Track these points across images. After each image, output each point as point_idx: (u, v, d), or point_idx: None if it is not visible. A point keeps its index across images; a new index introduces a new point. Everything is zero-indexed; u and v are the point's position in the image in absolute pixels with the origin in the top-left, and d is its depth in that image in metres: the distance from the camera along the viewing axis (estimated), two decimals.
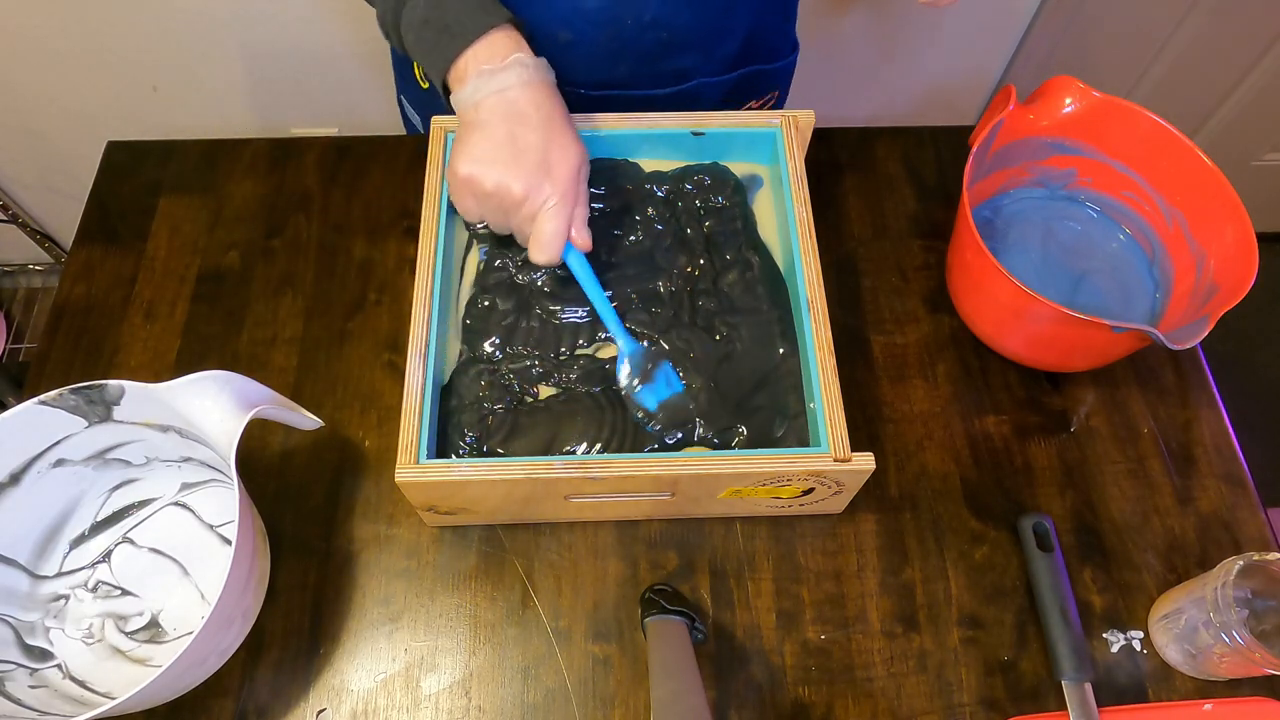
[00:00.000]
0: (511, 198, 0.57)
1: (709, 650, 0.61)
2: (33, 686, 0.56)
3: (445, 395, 0.63)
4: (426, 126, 0.75)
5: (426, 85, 0.81)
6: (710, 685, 0.60)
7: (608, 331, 0.64)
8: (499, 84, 0.57)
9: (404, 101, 0.92)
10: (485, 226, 0.67)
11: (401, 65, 0.87)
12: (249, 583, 0.57)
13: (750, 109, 0.83)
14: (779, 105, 0.87)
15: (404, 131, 0.93)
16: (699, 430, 0.62)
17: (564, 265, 0.61)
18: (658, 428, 0.62)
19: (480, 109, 0.57)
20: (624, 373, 0.63)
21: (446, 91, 0.60)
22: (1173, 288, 0.71)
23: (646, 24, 0.68)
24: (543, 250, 0.59)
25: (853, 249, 0.79)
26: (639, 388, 0.62)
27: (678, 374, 0.63)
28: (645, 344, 0.64)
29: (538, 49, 0.61)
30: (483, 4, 0.58)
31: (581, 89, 0.72)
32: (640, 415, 0.62)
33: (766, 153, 0.72)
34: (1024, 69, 1.36)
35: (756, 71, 0.79)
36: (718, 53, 0.74)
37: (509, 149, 0.57)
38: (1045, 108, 0.71)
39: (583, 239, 0.60)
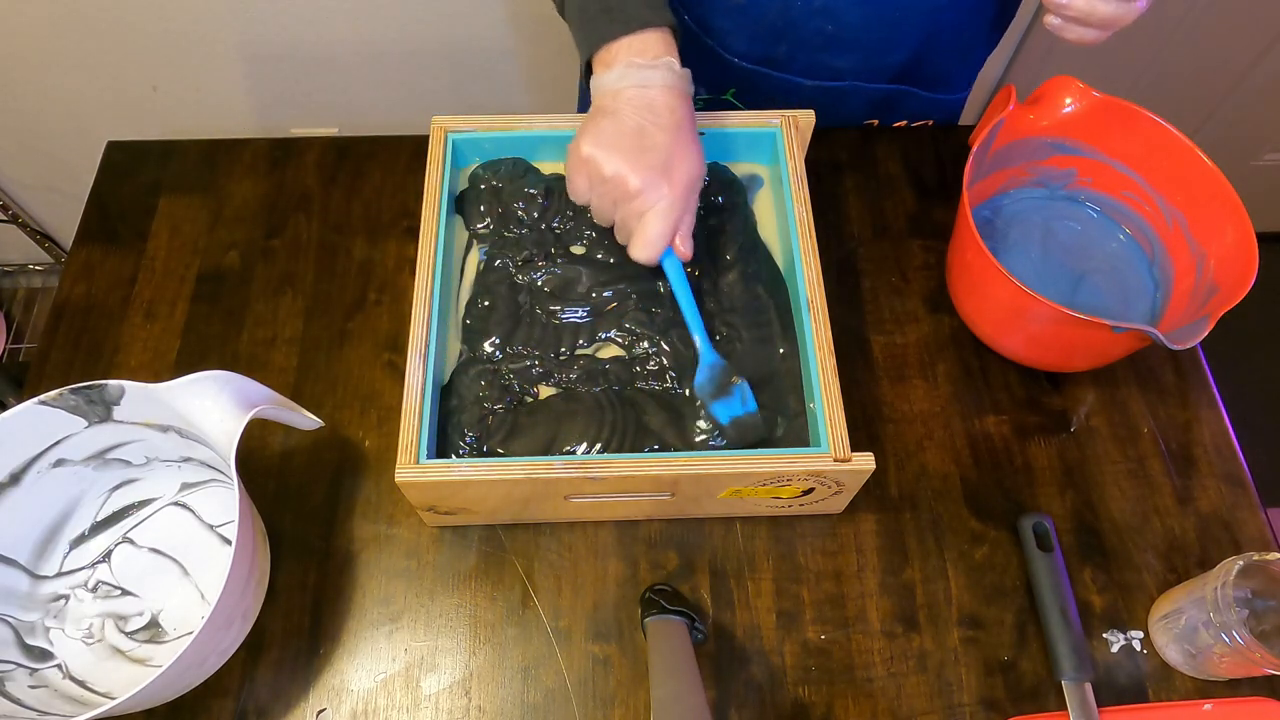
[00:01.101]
0: (625, 189, 0.57)
1: (709, 650, 0.61)
2: (33, 686, 0.56)
3: (445, 395, 0.63)
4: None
5: None
6: (710, 685, 0.60)
7: (691, 335, 0.63)
8: (643, 79, 0.57)
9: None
10: (488, 226, 0.67)
11: None
12: (249, 583, 0.57)
13: (898, 126, 0.84)
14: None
15: (403, 132, 0.93)
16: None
17: (658, 267, 0.61)
18: (723, 442, 0.61)
19: (619, 98, 0.58)
20: (701, 382, 0.62)
21: (588, 72, 0.60)
22: (1173, 288, 0.71)
23: (815, 9, 0.69)
24: (644, 248, 0.59)
25: (853, 249, 0.79)
26: (714, 401, 0.62)
27: (755, 395, 0.62)
28: (727, 361, 0.63)
29: (711, 9, 0.60)
30: (652, 1, 0.59)
31: (737, 58, 0.74)
32: (709, 427, 0.61)
33: (766, 153, 0.72)
34: (1024, 69, 1.36)
35: (912, 94, 0.80)
36: (878, 62, 0.75)
37: (635, 142, 0.57)
38: (1045, 108, 0.71)
39: (686, 248, 0.60)
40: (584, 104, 0.98)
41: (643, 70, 0.57)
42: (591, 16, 0.59)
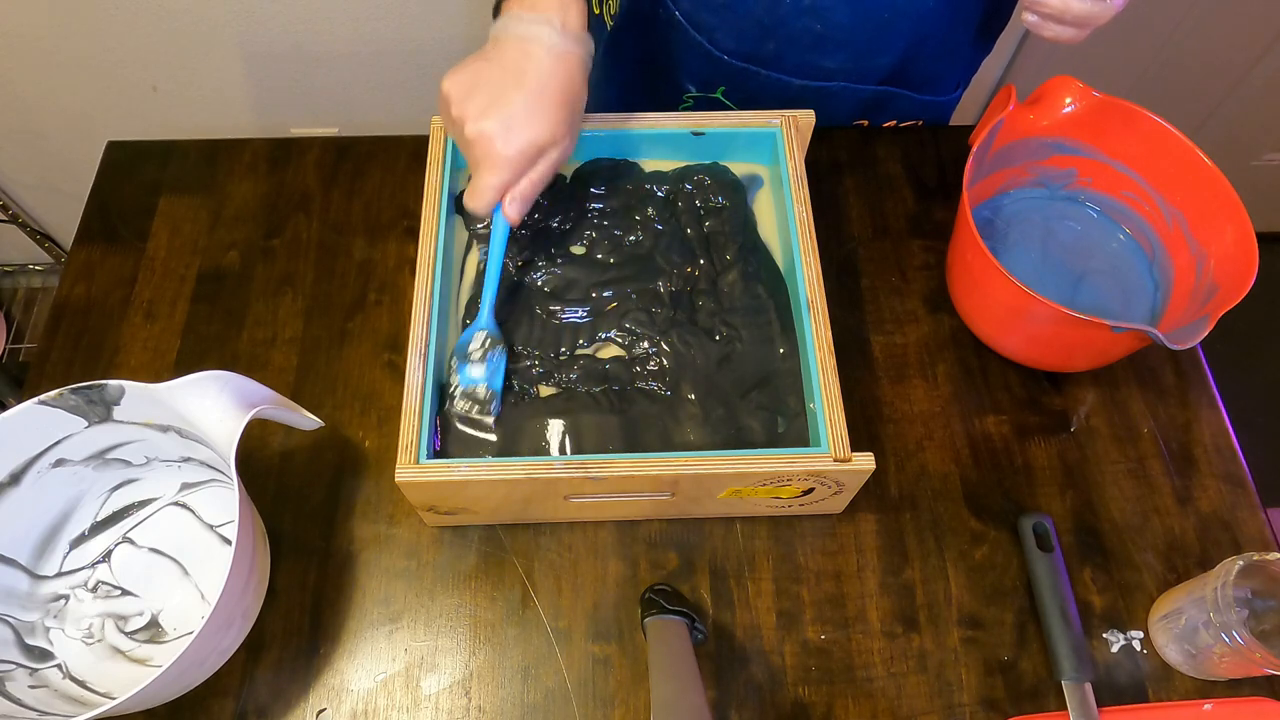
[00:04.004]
0: (461, 135, 0.57)
1: (709, 650, 0.61)
2: (33, 686, 0.56)
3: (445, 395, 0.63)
4: (598, 89, 0.76)
5: (597, 11, 0.82)
6: (710, 685, 0.60)
7: (482, 299, 0.63)
8: (524, 32, 0.56)
9: None
10: (486, 226, 0.67)
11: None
12: (249, 583, 0.57)
13: (887, 126, 0.84)
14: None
15: (403, 132, 0.93)
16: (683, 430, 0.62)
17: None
18: (451, 407, 0.61)
19: (498, 45, 0.57)
20: (462, 341, 0.62)
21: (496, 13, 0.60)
22: (1173, 288, 0.71)
23: (804, 8, 0.69)
24: (469, 196, 0.59)
25: (853, 249, 0.79)
26: (464, 362, 0.62)
27: (507, 378, 0.63)
28: (497, 331, 0.63)
29: (699, 4, 0.59)
30: None
31: (726, 55, 0.74)
32: (448, 387, 0.62)
33: (766, 153, 0.72)
34: (1024, 69, 1.36)
35: (902, 95, 0.80)
36: (868, 63, 0.75)
37: (489, 93, 0.56)
38: (1045, 108, 0.71)
39: (512, 211, 0.59)
40: None
41: (524, 23, 0.56)
42: None
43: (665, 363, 0.64)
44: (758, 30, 0.72)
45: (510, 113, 0.56)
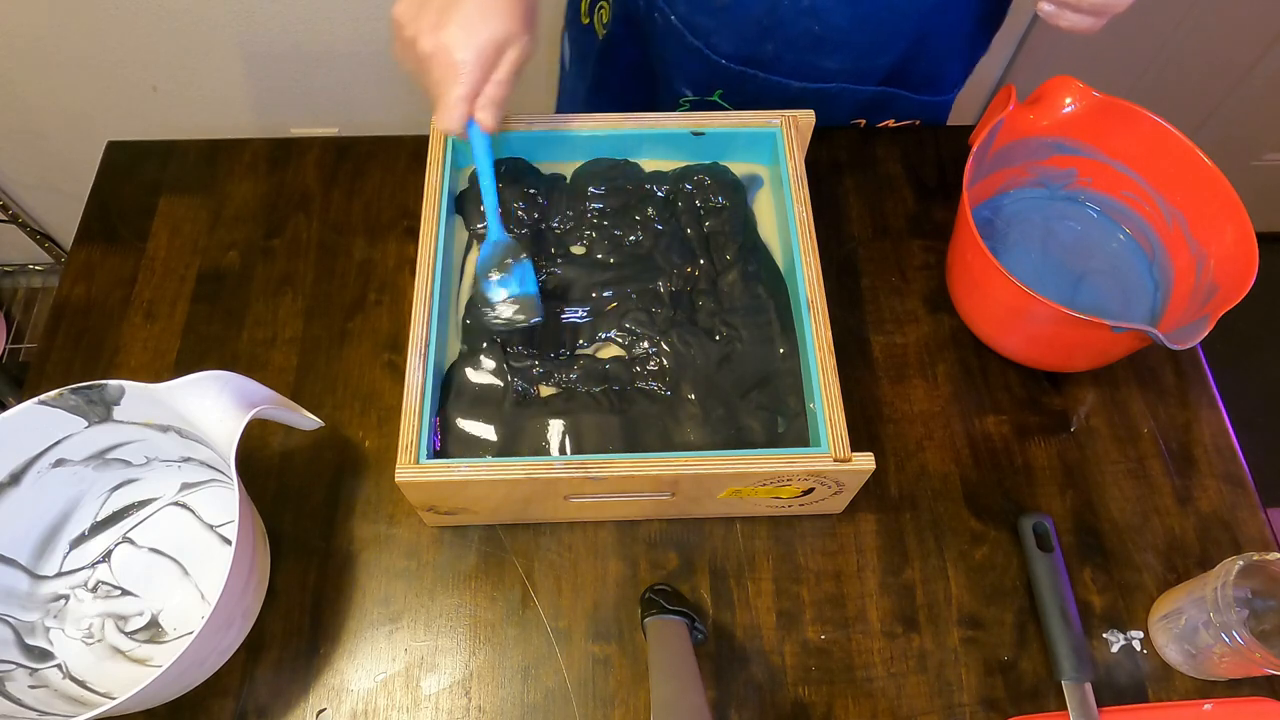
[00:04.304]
0: (418, 54, 0.55)
1: (709, 650, 0.61)
2: (33, 686, 0.56)
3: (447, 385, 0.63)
4: (575, 66, 0.74)
5: (587, 21, 0.79)
6: (710, 685, 0.60)
7: (485, 213, 0.62)
8: None
9: (564, 40, 0.92)
10: (483, 227, 0.67)
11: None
12: (249, 583, 0.57)
13: (886, 125, 0.84)
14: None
15: (403, 132, 0.93)
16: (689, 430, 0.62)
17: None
18: (498, 322, 0.60)
19: None
20: (483, 259, 0.61)
21: None
22: (1173, 288, 0.71)
23: (803, 9, 0.68)
24: (440, 117, 0.57)
25: (853, 249, 0.79)
26: (493, 279, 0.60)
27: (537, 278, 0.61)
28: (512, 239, 0.62)
29: (696, 8, 0.59)
30: None
31: (724, 59, 0.73)
32: (482, 308, 0.60)
33: (766, 153, 0.72)
34: (1024, 69, 1.36)
35: (900, 95, 0.80)
36: (868, 64, 0.74)
37: (439, 5, 0.54)
38: (1045, 108, 0.71)
39: (487, 117, 0.57)
40: (563, 104, 0.97)
41: None
42: None
43: (665, 363, 0.64)
44: (756, 32, 0.71)
45: (463, 15, 0.54)
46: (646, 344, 0.65)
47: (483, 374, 0.64)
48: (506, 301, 0.60)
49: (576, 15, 0.85)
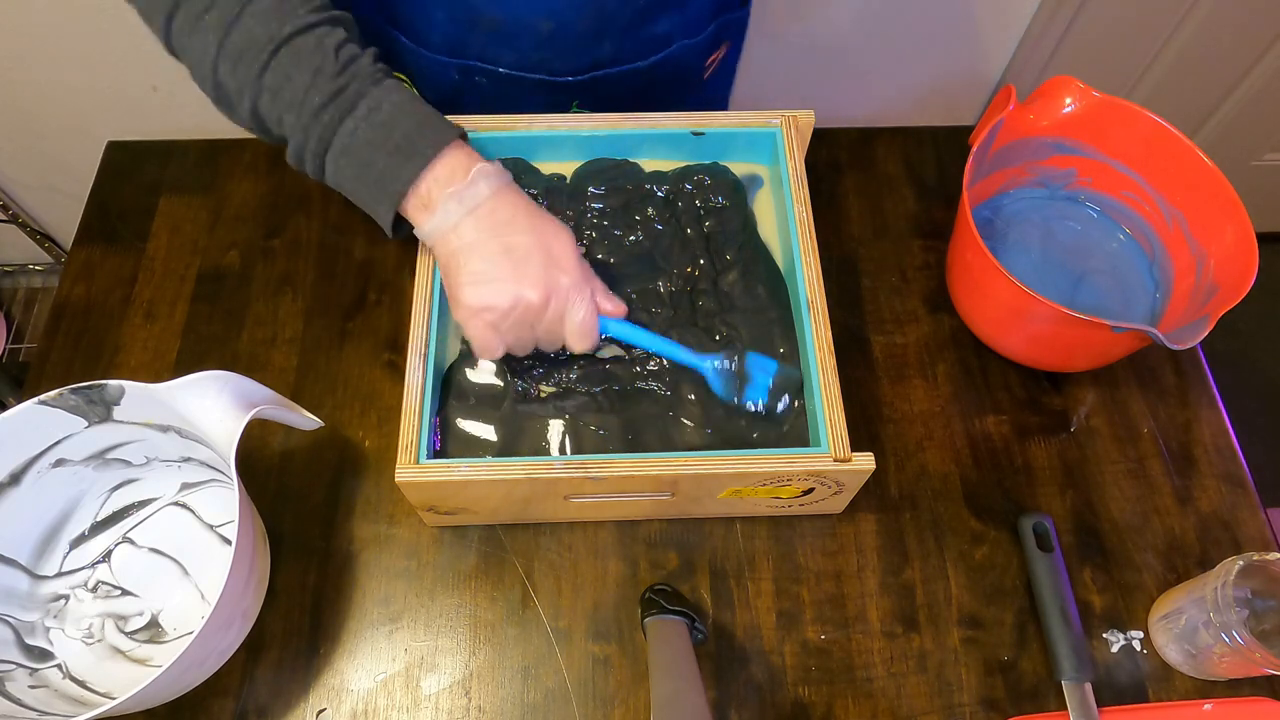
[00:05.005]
0: (533, 309, 0.55)
1: (709, 650, 0.61)
2: (33, 686, 0.56)
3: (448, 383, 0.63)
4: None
5: None
6: (710, 685, 0.60)
7: (680, 363, 0.63)
8: (473, 199, 0.54)
9: None
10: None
11: None
12: (249, 583, 0.57)
13: (713, 61, 0.80)
14: (731, 60, 0.83)
15: None
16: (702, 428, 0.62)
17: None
18: (780, 409, 0.61)
19: (461, 231, 0.54)
20: (721, 390, 0.62)
21: (397, 225, 0.57)
22: (1173, 288, 0.71)
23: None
24: (584, 338, 0.58)
25: (853, 249, 0.79)
26: (744, 394, 0.61)
27: (762, 354, 0.62)
28: (719, 356, 0.62)
29: (523, 47, 0.57)
30: (431, 120, 0.55)
31: (569, 76, 0.71)
32: (754, 410, 0.62)
33: (766, 153, 0.72)
34: (1024, 69, 1.36)
35: (725, 22, 0.76)
36: (692, 8, 0.72)
37: (510, 261, 0.54)
38: (1045, 108, 0.71)
39: (613, 305, 0.59)
40: None
41: (466, 192, 0.54)
42: (379, 166, 0.54)
43: (665, 363, 0.64)
44: (590, 39, 0.68)
45: (543, 254, 0.55)
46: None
47: (483, 374, 0.64)
48: (773, 393, 0.62)
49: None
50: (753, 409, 0.62)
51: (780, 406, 0.62)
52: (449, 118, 0.57)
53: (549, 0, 0.64)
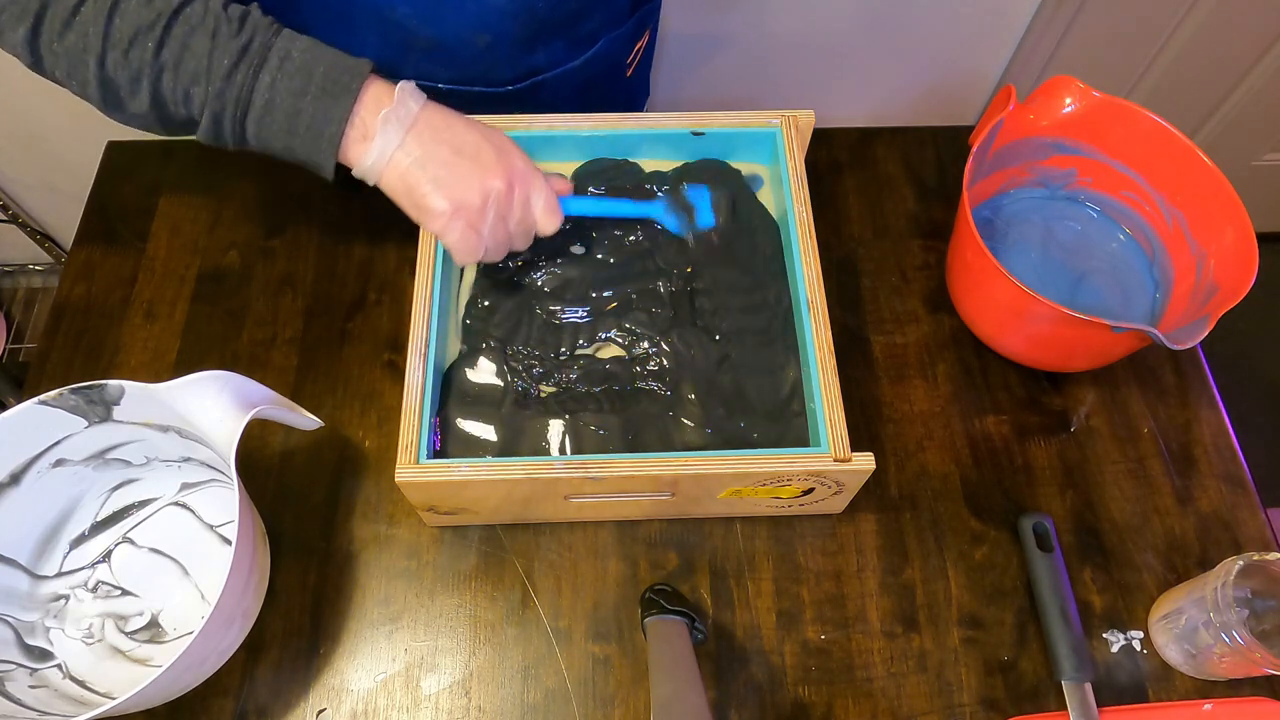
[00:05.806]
0: (502, 196, 0.57)
1: (709, 650, 0.61)
2: (33, 686, 0.56)
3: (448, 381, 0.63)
4: None
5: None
6: (710, 685, 0.60)
7: (636, 216, 0.69)
8: (408, 116, 0.55)
9: None
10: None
11: None
12: (249, 583, 0.57)
13: (636, 52, 0.80)
14: (649, 50, 0.84)
15: None
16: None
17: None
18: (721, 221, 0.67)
19: (407, 148, 0.55)
20: (675, 225, 0.68)
21: (339, 166, 0.56)
22: (1173, 288, 0.71)
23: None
24: (552, 216, 0.60)
25: (853, 249, 0.79)
26: (695, 222, 0.67)
27: (693, 184, 0.68)
28: (664, 198, 0.68)
29: (460, 62, 0.59)
30: (340, 56, 0.54)
31: (509, 86, 0.71)
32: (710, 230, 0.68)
33: (766, 153, 0.72)
34: (1024, 69, 1.36)
35: (645, 10, 0.77)
36: (616, 1, 0.72)
37: (465, 158, 0.55)
38: (1045, 108, 0.71)
39: (563, 184, 0.62)
40: None
41: (399, 113, 0.54)
42: (309, 115, 0.53)
43: (665, 363, 0.64)
44: (524, 46, 0.68)
45: (491, 145, 0.57)
46: (646, 344, 0.65)
47: (483, 374, 0.64)
48: (716, 210, 0.68)
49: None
50: (708, 230, 0.67)
51: (722, 219, 0.68)
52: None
53: (483, 14, 0.64)
